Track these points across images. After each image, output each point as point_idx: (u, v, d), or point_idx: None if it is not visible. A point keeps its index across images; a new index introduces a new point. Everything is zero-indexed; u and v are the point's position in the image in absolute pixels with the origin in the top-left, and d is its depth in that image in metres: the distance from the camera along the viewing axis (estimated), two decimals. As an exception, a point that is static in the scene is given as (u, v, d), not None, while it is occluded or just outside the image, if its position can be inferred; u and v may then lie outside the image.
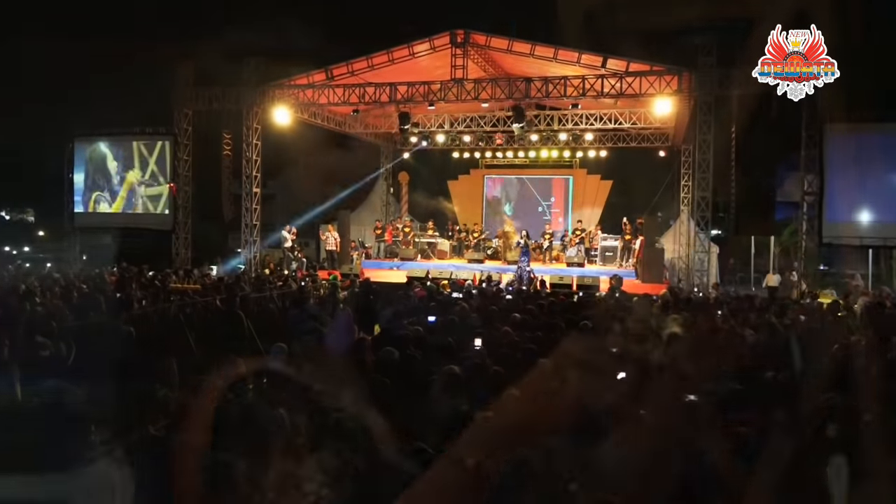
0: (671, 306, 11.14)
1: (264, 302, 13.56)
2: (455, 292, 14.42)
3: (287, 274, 17.29)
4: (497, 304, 11.85)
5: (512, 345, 7.93)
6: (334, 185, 31.44)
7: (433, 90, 18.35)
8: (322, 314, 9.96)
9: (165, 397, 3.87)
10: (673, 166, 24.43)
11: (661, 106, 17.28)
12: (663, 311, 10.15)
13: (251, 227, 19.92)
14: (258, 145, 20.02)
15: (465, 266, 21.18)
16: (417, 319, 10.18)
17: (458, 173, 27.55)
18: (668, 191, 24.34)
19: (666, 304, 11.46)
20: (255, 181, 19.94)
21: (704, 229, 16.81)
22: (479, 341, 7.57)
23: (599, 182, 26.04)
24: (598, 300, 12.04)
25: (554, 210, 26.67)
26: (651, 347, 2.16)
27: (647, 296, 13.25)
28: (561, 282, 17.24)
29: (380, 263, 22.57)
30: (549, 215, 26.56)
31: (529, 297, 12.62)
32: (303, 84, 19.47)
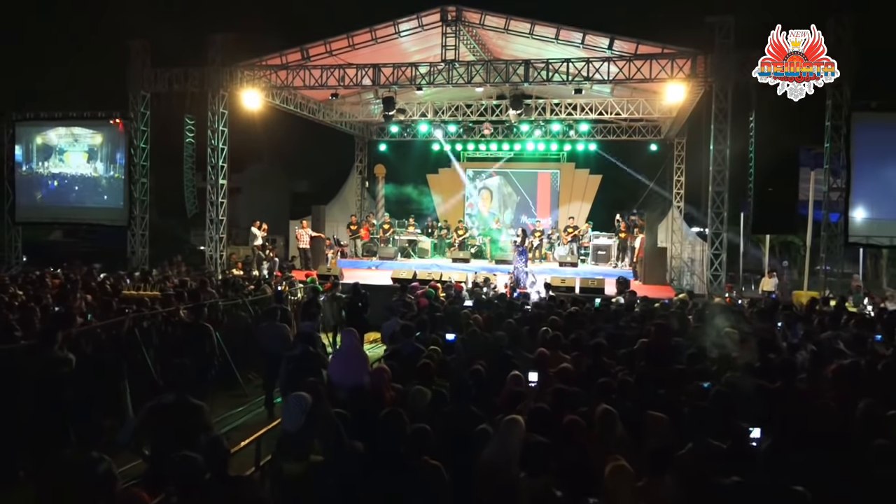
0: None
1: (235, 311, 11.64)
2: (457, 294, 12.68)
3: (259, 276, 15.30)
4: (512, 314, 10.12)
5: (576, 379, 6.20)
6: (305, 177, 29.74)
7: (421, 73, 16.54)
8: (314, 333, 8.06)
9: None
10: (665, 160, 23.28)
11: (672, 92, 15.74)
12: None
13: (217, 223, 17.85)
14: (225, 133, 17.95)
15: (451, 266, 19.69)
16: (430, 336, 8.43)
17: (438, 166, 25.90)
18: (659, 185, 23.27)
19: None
20: (221, 172, 17.86)
21: (720, 228, 15.33)
22: (536, 376, 5.83)
23: (588, 176, 24.69)
24: (649, 311, 10.37)
25: (539, 205, 25.24)
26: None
27: (722, 305, 11.64)
28: (563, 284, 15.62)
29: (357, 263, 20.96)
30: (534, 211, 25.08)
31: (547, 306, 10.91)
32: (275, 64, 17.47)
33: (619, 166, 23.66)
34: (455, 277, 16.02)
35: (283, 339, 9.12)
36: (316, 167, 28.14)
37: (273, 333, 9.27)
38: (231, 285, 13.14)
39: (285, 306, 12.09)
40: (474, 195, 25.68)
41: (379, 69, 16.72)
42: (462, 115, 21.00)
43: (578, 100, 19.82)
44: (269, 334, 9.30)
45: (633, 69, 15.47)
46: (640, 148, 23.73)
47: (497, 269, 19.02)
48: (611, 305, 11.51)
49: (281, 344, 8.93)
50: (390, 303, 11.94)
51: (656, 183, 23.41)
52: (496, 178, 25.46)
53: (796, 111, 13.97)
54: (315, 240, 20.17)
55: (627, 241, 20.54)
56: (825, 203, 14.90)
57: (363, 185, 26.01)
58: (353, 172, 25.85)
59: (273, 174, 31.91)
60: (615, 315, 10.25)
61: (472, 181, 25.71)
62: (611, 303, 11.91)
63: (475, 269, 19.17)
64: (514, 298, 12.71)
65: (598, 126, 23.04)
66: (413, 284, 14.77)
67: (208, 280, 13.17)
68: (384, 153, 25.27)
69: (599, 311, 10.98)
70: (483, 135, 22.29)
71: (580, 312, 10.17)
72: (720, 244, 15.39)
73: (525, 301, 12.04)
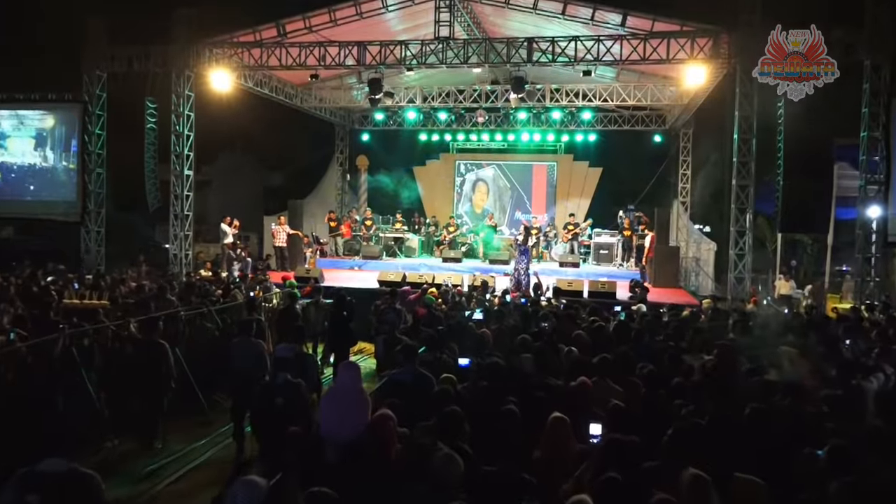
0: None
1: (200, 321, 10.13)
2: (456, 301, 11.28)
3: (229, 279, 13.78)
4: (528, 327, 8.74)
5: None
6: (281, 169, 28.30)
7: (412, 53, 15.10)
8: (296, 356, 6.60)
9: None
10: (670, 152, 22.17)
11: (692, 75, 14.45)
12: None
13: (182, 219, 16.29)
14: (191, 118, 16.40)
15: (442, 267, 18.48)
16: (438, 357, 7.02)
17: (426, 158, 24.59)
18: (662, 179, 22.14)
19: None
20: (186, 161, 16.29)
21: (745, 225, 14.10)
22: (599, 428, 4.44)
23: (587, 169, 23.47)
24: (686, 324, 9.02)
25: (535, 200, 23.97)
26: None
27: (772, 315, 10.31)
28: (570, 287, 14.30)
29: (338, 262, 19.67)
30: (529, 206, 23.85)
31: (565, 316, 9.52)
32: (248, 42, 15.93)
33: (620, 159, 22.56)
34: (449, 280, 14.60)
35: (257, 358, 7.68)
36: (293, 158, 26.70)
37: (246, 351, 7.80)
38: (196, 290, 11.62)
39: (259, 316, 10.66)
40: (467, 189, 24.40)
41: (364, 48, 15.26)
42: (454, 102, 19.61)
43: (581, 85, 18.52)
44: (241, 352, 7.82)
45: (647, 49, 14.17)
46: (642, 139, 22.59)
47: (493, 270, 17.85)
48: (635, 316, 10.16)
49: (255, 364, 7.50)
50: (379, 311, 10.57)
51: (660, 176, 22.27)
52: (490, 169, 24.19)
53: (830, 97, 12.85)
54: (292, 238, 18.73)
55: (632, 239, 19.36)
56: (860, 198, 13.72)
57: (344, 178, 24.66)
58: (334, 164, 24.50)
59: (246, 165, 30.39)
60: (647, 329, 8.91)
61: (463, 174, 24.44)
62: (634, 312, 10.56)
63: (469, 269, 18.00)
64: (522, 305, 11.34)
65: (598, 115, 21.83)
66: (404, 289, 13.41)
67: (169, 285, 11.62)
68: (367, 143, 23.98)
69: (625, 323, 9.62)
70: (476, 122, 21.00)
71: (604, 328, 8.80)
72: (744, 244, 14.16)
73: (536, 308, 10.65)
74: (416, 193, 24.23)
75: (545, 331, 8.37)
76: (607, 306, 12.34)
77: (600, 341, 8.03)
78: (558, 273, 18.03)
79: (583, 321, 9.85)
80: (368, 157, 23.95)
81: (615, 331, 8.75)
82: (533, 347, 7.46)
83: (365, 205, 23.88)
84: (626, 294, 14.33)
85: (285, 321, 10.94)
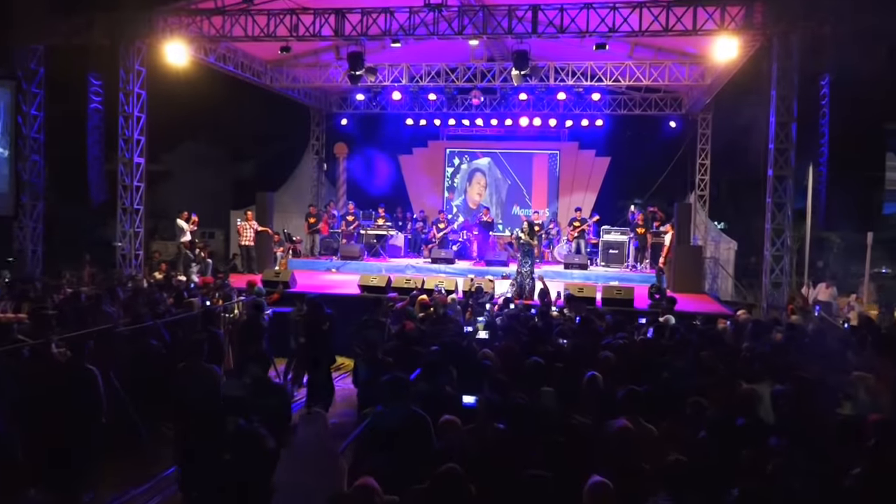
0: None
1: (144, 337, 9.00)
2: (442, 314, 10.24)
3: (183, 284, 12.69)
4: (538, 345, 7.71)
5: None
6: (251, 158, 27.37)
7: (398, 22, 14.05)
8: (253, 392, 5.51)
9: None
10: (686, 139, 21.40)
11: (722, 49, 13.48)
12: None
13: (131, 214, 15.17)
14: (142, 97, 15.28)
15: (431, 269, 17.71)
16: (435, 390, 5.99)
17: (412, 145, 23.69)
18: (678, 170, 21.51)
19: None
20: (137, 147, 15.18)
21: (782, 222, 13.19)
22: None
23: (594, 159, 22.63)
24: (733, 342, 8.01)
25: (535, 194, 23.16)
26: None
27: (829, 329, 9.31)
28: (581, 294, 13.35)
29: (313, 263, 18.91)
30: (529, 200, 23.03)
31: (586, 332, 8.50)
32: (208, 9, 14.80)
33: (631, 147, 21.76)
34: (440, 285, 13.61)
35: (208, 388, 6.62)
36: (264, 145, 25.69)
37: (196, 380, 6.75)
38: (141, 298, 10.51)
39: (218, 328, 9.57)
40: (461, 180, 23.54)
41: (343, 15, 14.18)
42: (445, 81, 18.58)
43: (590, 62, 17.55)
44: (189, 381, 6.76)
45: (671, 19, 13.20)
46: (656, 125, 21.71)
47: (490, 272, 17.03)
48: (664, 330, 9.17)
49: (206, 394, 6.45)
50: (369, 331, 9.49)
51: (674, 167, 21.50)
52: (485, 159, 23.36)
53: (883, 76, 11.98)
54: (261, 235, 17.71)
55: (647, 237, 18.48)
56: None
57: (320, 168, 23.67)
58: (309, 152, 23.57)
59: (212, 154, 29.30)
60: (685, 348, 7.92)
61: (455, 163, 23.63)
62: (663, 325, 9.57)
63: (462, 272, 17.23)
64: (529, 316, 10.34)
65: (606, 98, 20.91)
66: (391, 296, 12.43)
67: (109, 293, 10.50)
68: (346, 129, 22.92)
69: (656, 341, 8.63)
70: (471, 105, 20.08)
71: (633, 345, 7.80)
72: (782, 244, 13.24)
73: (548, 321, 9.63)
74: (401, 185, 23.42)
75: (565, 351, 7.36)
76: (626, 316, 11.41)
77: (630, 366, 7.06)
78: (563, 276, 17.36)
79: (596, 332, 8.91)
80: (348, 143, 23.01)
81: (647, 351, 7.76)
82: (551, 374, 6.48)
83: (344, 198, 22.95)
84: (645, 302, 13.48)
85: (248, 337, 9.92)
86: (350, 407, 9.28)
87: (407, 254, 20.34)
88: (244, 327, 10.20)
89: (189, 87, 17.74)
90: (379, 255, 19.14)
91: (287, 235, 19.53)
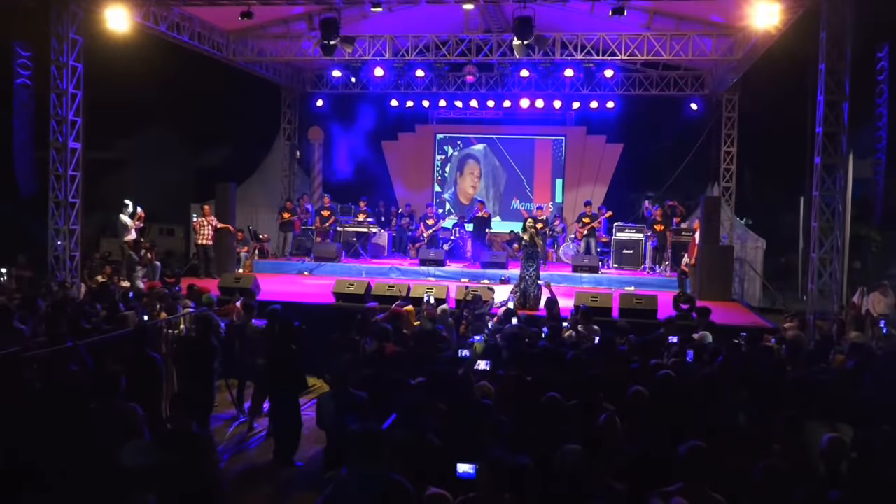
0: None
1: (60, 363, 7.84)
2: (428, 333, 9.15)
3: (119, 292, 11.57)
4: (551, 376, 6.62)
5: None
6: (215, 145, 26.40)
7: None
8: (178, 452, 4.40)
9: None
10: (709, 123, 20.70)
11: (762, 14, 12.46)
12: None
13: (66, 207, 14.04)
14: (78, 70, 14.16)
15: (418, 271, 17.05)
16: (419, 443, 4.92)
17: (397, 130, 23.01)
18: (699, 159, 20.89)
19: None
20: (73, 129, 14.05)
21: (831, 219, 12.19)
22: None
23: (605, 146, 21.94)
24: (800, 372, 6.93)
25: (537, 185, 22.51)
26: None
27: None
28: (594, 303, 12.30)
29: (283, 265, 18.23)
30: (530, 193, 22.40)
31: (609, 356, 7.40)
32: (156, -33, 13.71)
33: (646, 132, 20.97)
34: (429, 293, 12.54)
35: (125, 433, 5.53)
36: (228, 130, 24.69)
37: (110, 423, 5.70)
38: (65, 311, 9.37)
39: (155, 350, 8.46)
40: (452, 170, 22.80)
41: (314, -25, 13.12)
42: (435, 56, 17.53)
43: (602, 33, 16.52)
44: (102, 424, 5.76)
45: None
46: (674, 107, 20.90)
47: (488, 275, 16.39)
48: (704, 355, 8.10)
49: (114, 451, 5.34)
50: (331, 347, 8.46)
51: (695, 155, 20.74)
52: (480, 145, 22.72)
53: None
54: (221, 233, 16.74)
55: (667, 235, 17.60)
56: None
57: (293, 156, 22.77)
58: (280, 138, 22.63)
59: (172, 140, 28.32)
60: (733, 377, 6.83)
61: (446, 151, 22.98)
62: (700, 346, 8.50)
63: (454, 274, 16.63)
64: (535, 333, 9.25)
65: (618, 76, 19.96)
66: (370, 306, 11.39)
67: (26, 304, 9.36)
68: (322, 111, 22.06)
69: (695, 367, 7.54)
70: (464, 83, 19.31)
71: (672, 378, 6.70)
72: (831, 245, 12.24)
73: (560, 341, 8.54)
74: (385, 176, 22.78)
75: (588, 383, 6.25)
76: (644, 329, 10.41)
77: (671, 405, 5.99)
78: (571, 280, 16.54)
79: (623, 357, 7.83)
80: (324, 128, 22.30)
81: (690, 383, 6.67)
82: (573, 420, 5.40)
83: (320, 189, 22.21)
84: (669, 312, 12.46)
85: (193, 361, 8.82)
86: (322, 443, 8.25)
87: (391, 254, 19.71)
88: (188, 347, 9.11)
89: (141, 63, 16.81)
90: (359, 256, 18.49)
91: (253, 233, 18.70)
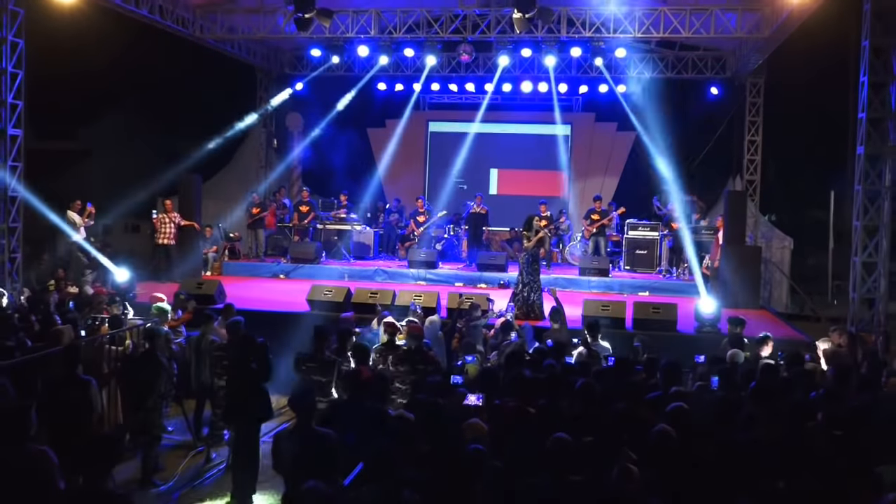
0: None
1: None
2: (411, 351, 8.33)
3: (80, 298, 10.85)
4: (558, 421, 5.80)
5: None
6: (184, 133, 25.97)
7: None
8: None
9: None
10: (731, 110, 20.40)
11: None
12: None
13: (5, 203, 13.25)
14: (19, 47, 13.39)
15: (407, 274, 16.56)
16: None
17: (385, 116, 22.50)
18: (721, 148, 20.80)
19: None
20: (13, 114, 13.26)
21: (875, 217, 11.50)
22: None
23: (615, 133, 21.53)
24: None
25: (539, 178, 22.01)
26: None
27: None
28: (605, 312, 11.56)
29: (256, 267, 17.76)
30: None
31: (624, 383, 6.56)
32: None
33: (661, 119, 20.33)
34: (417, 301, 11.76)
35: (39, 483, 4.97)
36: (197, 117, 24.11)
37: (21, 470, 5.05)
38: None
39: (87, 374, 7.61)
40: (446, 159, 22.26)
41: (287, -62, 12.33)
42: (426, 33, 16.89)
43: (613, 7, 15.80)
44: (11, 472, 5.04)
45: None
46: (693, 92, 20.57)
47: (484, 279, 15.91)
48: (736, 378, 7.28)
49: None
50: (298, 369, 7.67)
51: (716, 143, 20.54)
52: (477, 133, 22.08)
53: None
54: (185, 231, 16.22)
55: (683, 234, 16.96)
56: None
57: (269, 145, 22.38)
58: (255, 125, 21.98)
59: (139, 129, 27.94)
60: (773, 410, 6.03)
61: (439, 139, 22.63)
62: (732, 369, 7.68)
63: (447, 277, 16.15)
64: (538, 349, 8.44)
65: (631, 57, 19.36)
66: (345, 315, 10.68)
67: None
68: (302, 94, 21.52)
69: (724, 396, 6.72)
70: (459, 63, 18.97)
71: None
72: (875, 247, 11.52)
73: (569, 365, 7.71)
74: (370, 167, 22.18)
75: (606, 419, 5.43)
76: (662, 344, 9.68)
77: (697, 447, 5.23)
78: (578, 284, 16.03)
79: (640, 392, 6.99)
80: (303, 114, 21.95)
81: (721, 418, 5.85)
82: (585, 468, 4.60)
83: (299, 182, 21.92)
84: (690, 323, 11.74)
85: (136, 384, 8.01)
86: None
87: (378, 255, 19.14)
88: (133, 367, 8.31)
89: (92, 39, 16.03)
90: (342, 257, 17.99)
91: (222, 231, 18.23)
